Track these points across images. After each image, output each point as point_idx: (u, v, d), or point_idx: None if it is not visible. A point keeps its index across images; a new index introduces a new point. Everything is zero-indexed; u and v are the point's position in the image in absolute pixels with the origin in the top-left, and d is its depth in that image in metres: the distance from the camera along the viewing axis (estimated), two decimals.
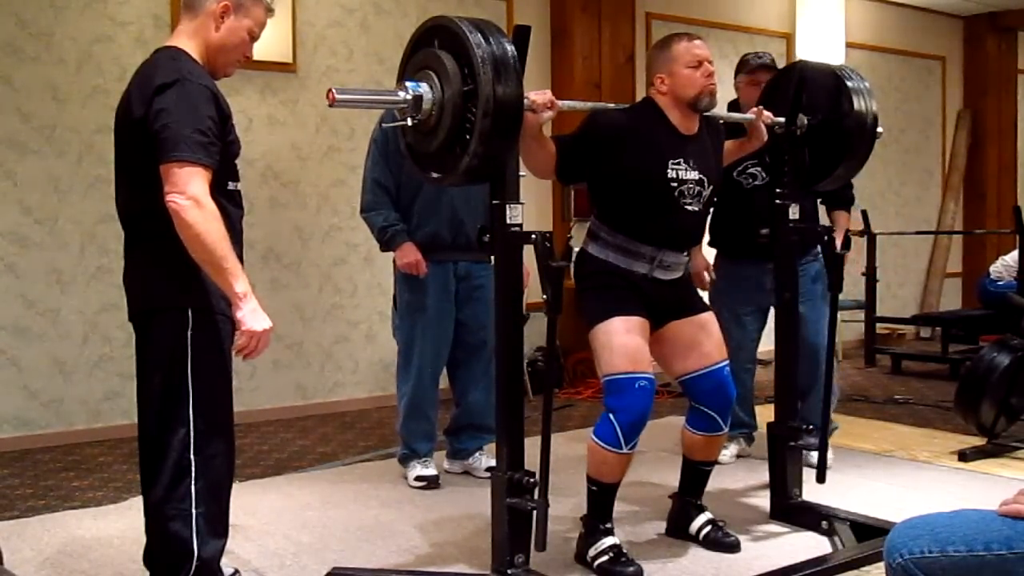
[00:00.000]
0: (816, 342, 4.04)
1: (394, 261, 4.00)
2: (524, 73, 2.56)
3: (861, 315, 7.38)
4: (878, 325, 7.58)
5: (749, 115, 3.36)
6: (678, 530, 3.35)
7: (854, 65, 8.38)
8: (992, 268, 7.38)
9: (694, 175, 3.10)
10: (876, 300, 7.33)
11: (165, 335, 2.46)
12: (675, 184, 3.06)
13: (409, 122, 2.54)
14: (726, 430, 3.25)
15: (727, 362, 3.21)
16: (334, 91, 2.44)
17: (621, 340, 3.00)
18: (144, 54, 2.57)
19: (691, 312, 3.19)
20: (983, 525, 1.75)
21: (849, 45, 8.07)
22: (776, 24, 7.77)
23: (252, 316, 2.38)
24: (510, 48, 2.51)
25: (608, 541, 3.05)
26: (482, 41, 2.46)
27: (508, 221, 2.66)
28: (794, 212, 3.50)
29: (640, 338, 3.03)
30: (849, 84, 3.48)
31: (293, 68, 5.53)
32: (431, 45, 2.58)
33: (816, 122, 3.46)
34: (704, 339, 3.17)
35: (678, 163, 3.07)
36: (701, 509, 3.32)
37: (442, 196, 3.90)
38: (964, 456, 4.37)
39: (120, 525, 3.52)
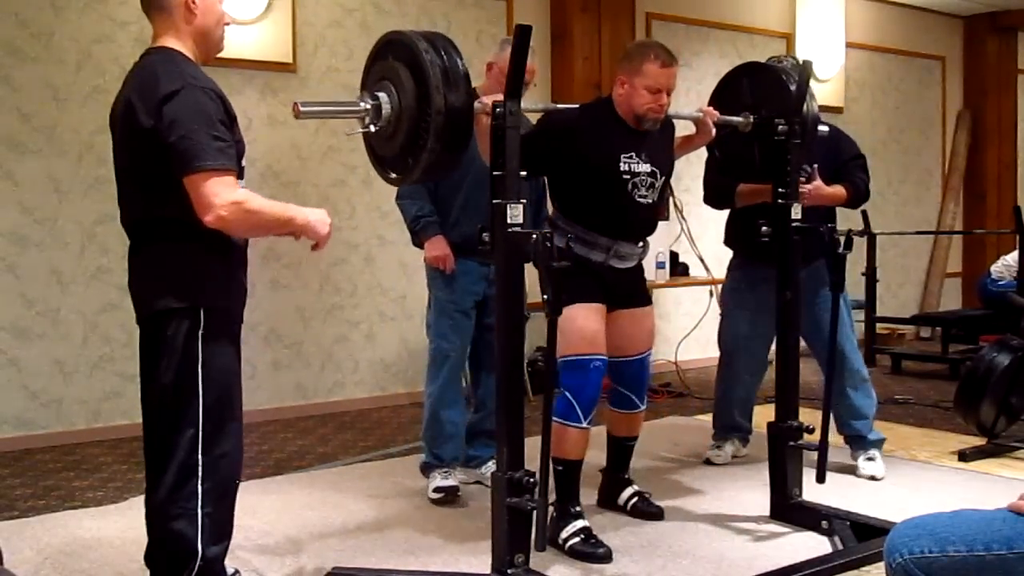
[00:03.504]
0: (842, 347, 4.06)
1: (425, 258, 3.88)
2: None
3: (861, 315, 7.36)
4: (878, 325, 7.57)
5: (697, 113, 3.47)
6: (608, 501, 3.63)
7: (854, 65, 8.43)
8: (992, 268, 7.38)
9: (646, 167, 3.29)
10: (876, 300, 7.33)
11: (177, 336, 2.46)
12: (627, 176, 3.26)
13: (372, 129, 2.67)
14: (643, 407, 3.56)
15: (650, 351, 3.53)
16: (299, 105, 2.58)
17: (580, 324, 3.22)
18: None
19: (638, 304, 3.47)
20: (983, 525, 1.75)
21: (849, 45, 8.07)
22: (776, 24, 7.77)
23: (317, 227, 2.65)
24: (459, 60, 2.63)
25: (578, 524, 3.22)
26: (433, 54, 2.58)
27: (508, 221, 2.68)
28: (796, 212, 3.50)
29: (597, 324, 3.27)
30: (792, 87, 3.53)
31: (293, 68, 5.52)
32: (386, 59, 2.71)
33: (761, 120, 3.55)
34: (640, 330, 3.46)
35: (630, 156, 3.26)
36: (628, 483, 3.62)
37: (484, 198, 3.84)
38: (964, 456, 4.37)
39: (120, 525, 3.52)
